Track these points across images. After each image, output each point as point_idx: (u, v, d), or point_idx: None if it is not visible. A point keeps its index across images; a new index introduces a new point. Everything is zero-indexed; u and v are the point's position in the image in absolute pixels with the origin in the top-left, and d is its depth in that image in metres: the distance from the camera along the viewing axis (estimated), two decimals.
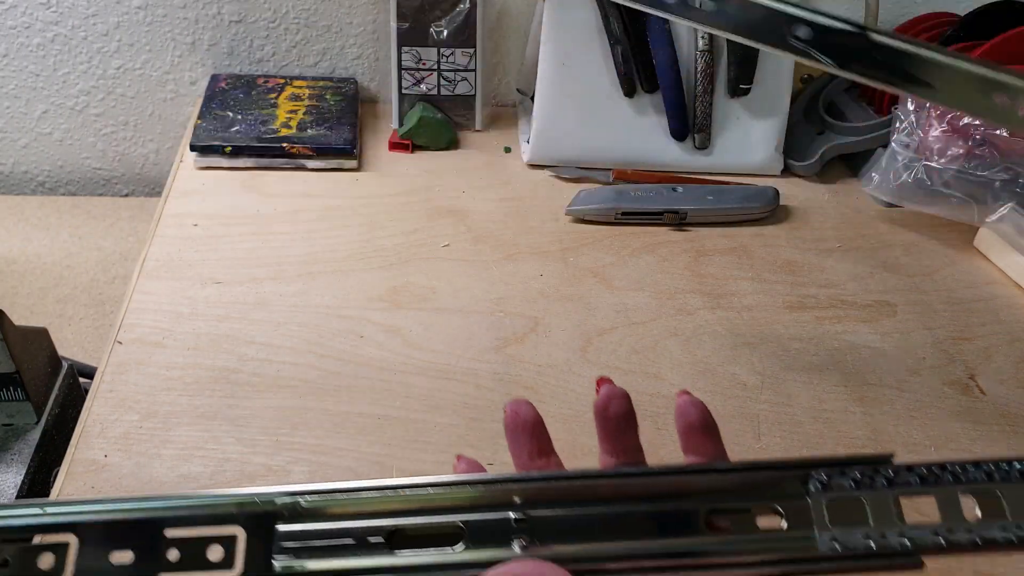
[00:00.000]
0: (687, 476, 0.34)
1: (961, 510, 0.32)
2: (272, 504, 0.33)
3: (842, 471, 0.34)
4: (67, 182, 0.95)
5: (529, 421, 0.37)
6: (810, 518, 0.33)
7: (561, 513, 0.34)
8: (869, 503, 0.33)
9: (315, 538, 0.33)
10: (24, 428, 0.54)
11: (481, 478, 0.34)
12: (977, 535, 0.32)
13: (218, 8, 0.86)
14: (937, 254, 0.76)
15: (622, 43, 0.78)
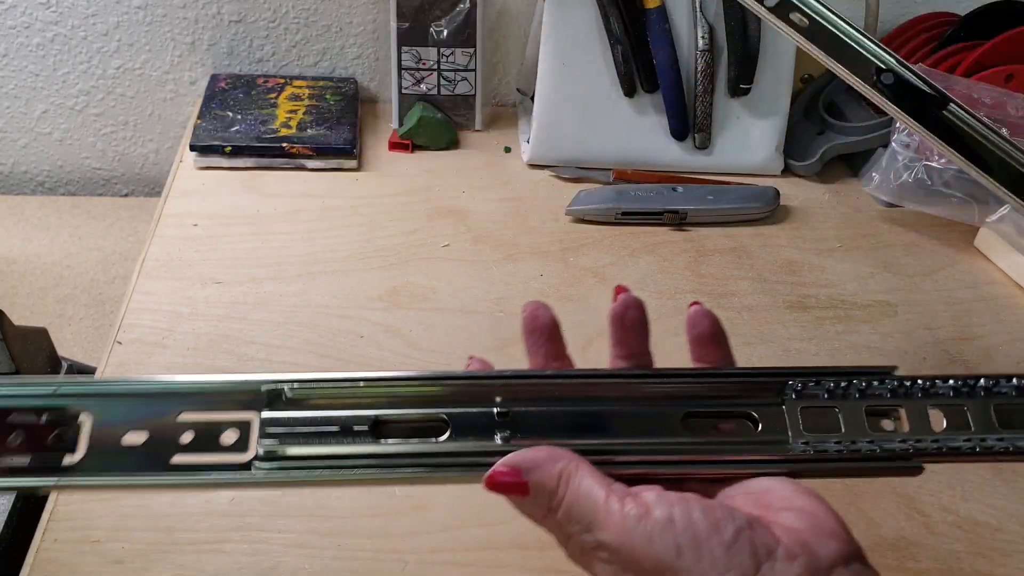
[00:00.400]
0: (665, 380, 0.36)
1: (929, 421, 0.34)
2: (258, 391, 0.34)
3: (817, 381, 0.35)
4: (67, 182, 0.95)
5: (547, 324, 0.39)
6: (784, 423, 0.35)
7: (542, 410, 0.36)
8: (842, 412, 0.35)
9: (300, 425, 0.34)
10: None
11: (464, 374, 0.37)
12: (943, 444, 0.34)
13: (218, 8, 0.86)
14: (937, 254, 0.76)
15: (622, 43, 0.78)
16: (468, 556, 0.47)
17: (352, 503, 0.49)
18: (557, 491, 0.32)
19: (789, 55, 0.82)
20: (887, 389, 0.35)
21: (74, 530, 0.46)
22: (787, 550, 0.30)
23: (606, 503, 0.31)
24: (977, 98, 0.74)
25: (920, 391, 0.35)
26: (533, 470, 0.32)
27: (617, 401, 0.36)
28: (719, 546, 0.29)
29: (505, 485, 0.33)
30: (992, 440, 0.34)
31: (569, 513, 0.32)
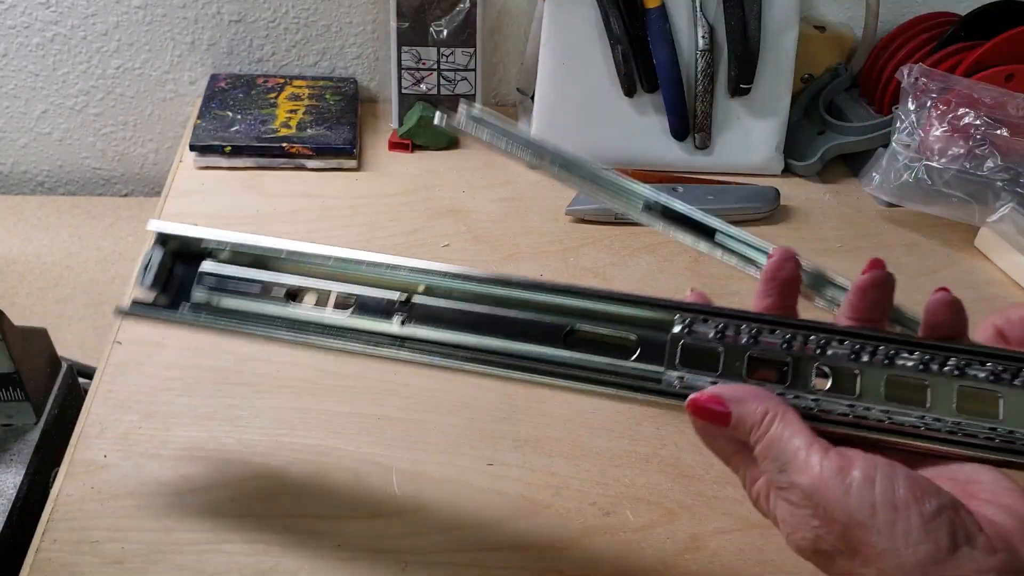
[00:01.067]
0: (559, 294, 0.38)
1: (810, 380, 0.35)
2: (196, 245, 0.41)
3: (705, 319, 0.37)
4: (67, 182, 0.95)
5: (787, 278, 0.38)
6: (662, 356, 0.36)
7: (443, 305, 0.39)
8: (723, 352, 0.36)
9: (229, 280, 0.40)
10: (23, 428, 0.54)
11: (384, 261, 0.40)
12: (819, 406, 0.35)
13: (218, 8, 0.86)
14: (938, 254, 0.76)
15: (622, 43, 0.78)
16: (468, 556, 0.47)
17: (352, 503, 0.49)
18: (760, 427, 0.33)
19: (789, 55, 0.82)
20: (783, 341, 0.36)
21: (74, 530, 0.46)
22: (988, 541, 0.29)
23: (808, 449, 0.31)
24: (977, 98, 0.74)
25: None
26: (740, 402, 0.34)
27: (510, 307, 0.39)
28: (917, 516, 0.29)
29: (709, 412, 0.34)
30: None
31: (768, 450, 0.33)
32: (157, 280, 0.40)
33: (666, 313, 0.37)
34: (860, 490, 0.30)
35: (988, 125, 0.73)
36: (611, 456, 0.54)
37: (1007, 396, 0.34)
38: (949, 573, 0.29)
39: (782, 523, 0.33)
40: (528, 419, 0.56)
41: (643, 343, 0.37)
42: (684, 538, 0.49)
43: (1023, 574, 0.29)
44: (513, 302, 0.39)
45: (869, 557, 0.30)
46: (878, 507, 0.30)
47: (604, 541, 0.48)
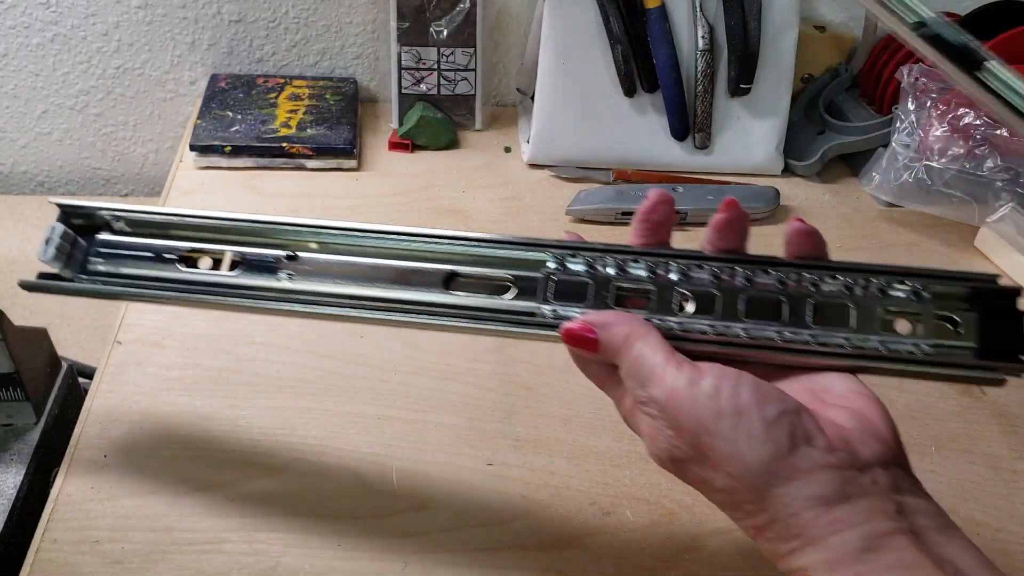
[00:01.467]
0: (438, 240, 0.41)
1: (671, 303, 0.38)
2: (95, 216, 0.43)
3: (573, 254, 0.39)
4: (67, 182, 0.95)
5: (659, 221, 0.40)
6: (535, 290, 0.39)
7: (329, 259, 0.42)
8: (592, 285, 0.39)
9: (125, 248, 0.43)
10: (24, 428, 0.54)
11: (263, 219, 0.42)
12: (682, 327, 0.37)
13: (218, 8, 0.86)
14: (937, 254, 0.76)
15: (622, 43, 0.78)
16: (468, 556, 0.47)
17: (352, 503, 0.49)
18: (623, 348, 0.35)
19: (789, 55, 0.82)
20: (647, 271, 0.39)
21: (74, 530, 0.46)
22: (828, 441, 0.31)
23: (664, 365, 0.34)
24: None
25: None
26: (605, 327, 0.36)
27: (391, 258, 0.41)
28: (759, 420, 0.31)
29: (580, 339, 0.36)
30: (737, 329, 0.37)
31: (631, 369, 0.35)
32: (60, 253, 0.42)
33: (539, 252, 0.40)
34: (708, 399, 0.32)
35: (988, 125, 0.73)
36: (611, 456, 0.54)
37: (857, 306, 0.37)
38: (788, 470, 0.31)
39: (644, 436, 0.35)
40: (528, 419, 0.56)
41: (519, 282, 0.40)
42: (684, 538, 0.49)
43: (858, 470, 0.31)
44: (396, 253, 0.41)
45: (717, 461, 0.32)
46: (723, 413, 0.32)
47: (604, 541, 0.48)
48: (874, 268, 0.38)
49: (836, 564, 0.30)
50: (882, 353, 0.36)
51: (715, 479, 0.33)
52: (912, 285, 0.38)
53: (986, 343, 0.36)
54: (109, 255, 0.43)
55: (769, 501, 0.31)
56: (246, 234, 0.42)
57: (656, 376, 0.34)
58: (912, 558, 0.30)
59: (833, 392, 0.35)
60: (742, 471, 0.31)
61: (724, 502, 0.34)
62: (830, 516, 0.30)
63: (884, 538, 0.30)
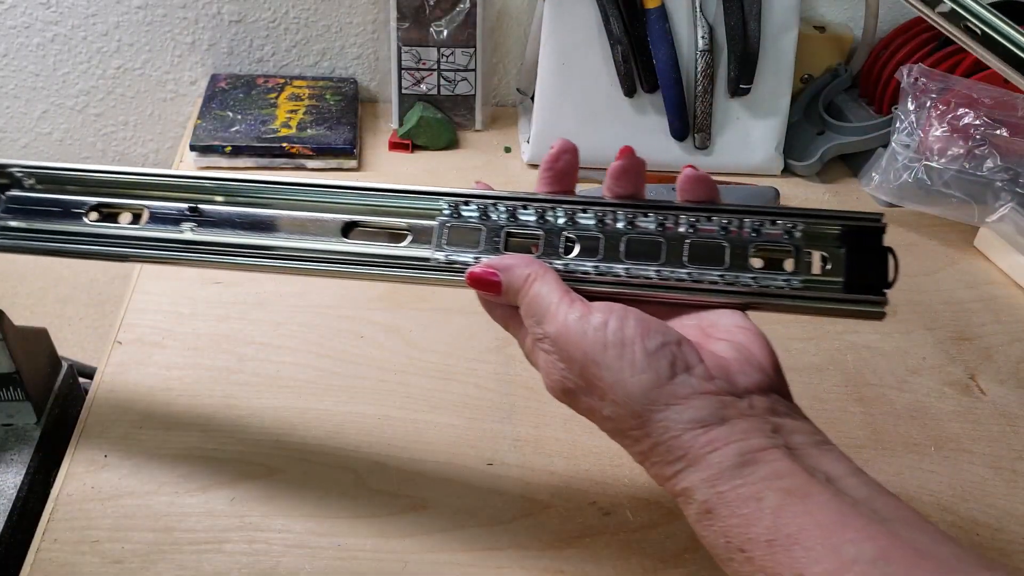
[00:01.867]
0: (338, 191, 0.43)
1: (559, 248, 0.40)
2: (6, 174, 0.44)
3: (467, 202, 0.41)
4: None
5: (562, 169, 0.41)
6: (430, 237, 0.41)
7: (231, 211, 0.43)
8: (484, 231, 0.41)
9: (33, 204, 0.44)
10: (24, 428, 0.54)
11: (167, 173, 0.44)
12: (567, 268, 0.39)
13: (218, 8, 0.86)
14: (937, 254, 0.76)
15: (622, 43, 0.78)
16: (468, 556, 0.47)
17: (352, 503, 0.49)
18: (523, 288, 0.37)
19: (789, 55, 0.82)
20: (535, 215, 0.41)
21: (74, 530, 0.46)
22: (707, 370, 0.34)
23: (559, 303, 0.36)
24: (977, 98, 0.74)
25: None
26: (507, 270, 0.38)
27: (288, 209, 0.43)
28: (641, 351, 0.34)
29: (483, 282, 0.38)
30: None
31: (529, 308, 0.37)
32: None
33: (434, 201, 0.42)
34: (595, 332, 0.34)
35: (988, 125, 0.73)
36: (611, 456, 0.54)
37: (732, 245, 0.39)
38: (668, 396, 0.33)
39: (541, 370, 0.38)
40: (528, 419, 0.56)
41: (414, 230, 0.41)
42: (684, 538, 0.49)
43: (736, 396, 0.34)
44: (298, 204, 0.43)
45: (603, 390, 0.34)
46: (608, 345, 0.34)
47: (604, 541, 0.49)
48: (750, 209, 0.40)
49: (715, 480, 0.32)
50: (753, 289, 0.38)
51: (602, 407, 0.35)
52: (784, 224, 0.39)
53: (853, 278, 0.39)
54: (19, 211, 0.45)
55: (651, 426, 0.33)
56: (151, 188, 0.44)
57: (550, 313, 0.36)
58: (786, 468, 0.31)
59: (718, 327, 0.37)
60: (625, 398, 0.34)
61: (612, 430, 0.36)
62: (708, 436, 0.33)
63: (759, 453, 0.32)
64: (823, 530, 0.30)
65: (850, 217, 0.39)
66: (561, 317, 0.35)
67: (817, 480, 0.31)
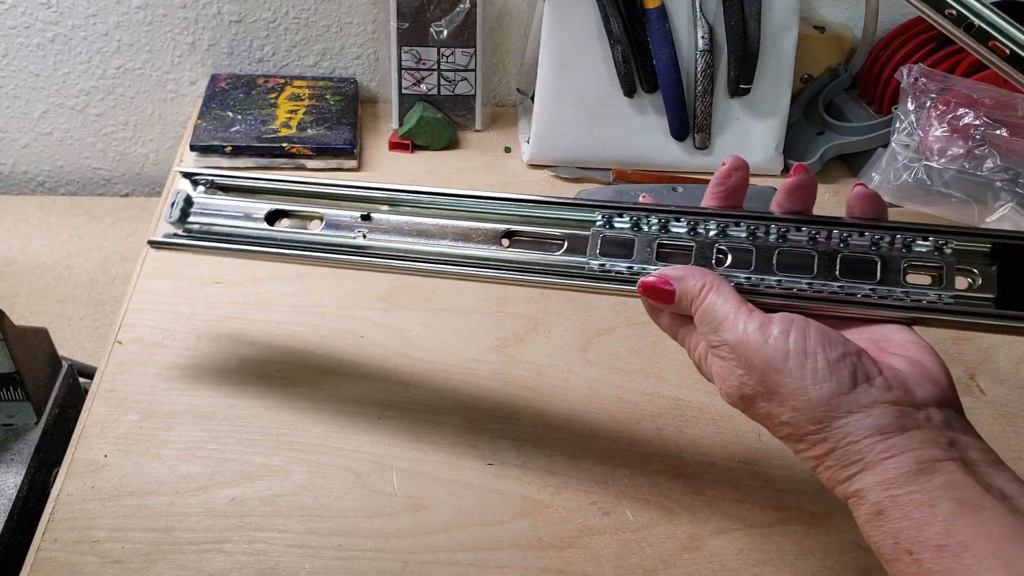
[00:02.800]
0: (497, 202, 0.45)
1: (711, 260, 0.41)
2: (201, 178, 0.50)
3: (621, 214, 0.42)
4: (67, 182, 0.95)
5: (733, 187, 0.43)
6: (585, 247, 0.43)
7: (398, 219, 0.46)
8: (638, 242, 0.42)
9: (215, 209, 0.49)
10: (24, 428, 0.54)
11: (339, 183, 0.47)
12: (750, 283, 0.40)
13: (218, 8, 0.86)
14: None
15: (622, 43, 0.78)
16: (468, 556, 0.47)
17: (352, 503, 0.49)
18: (698, 298, 0.39)
19: (789, 55, 0.82)
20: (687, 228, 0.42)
21: (74, 530, 0.46)
22: (886, 381, 0.35)
23: (736, 312, 0.37)
24: (976, 98, 0.74)
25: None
26: (681, 280, 0.39)
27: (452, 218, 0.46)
28: (823, 361, 0.35)
29: (657, 291, 0.40)
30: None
31: (704, 316, 0.38)
32: (183, 215, 0.49)
33: (588, 212, 0.43)
34: (776, 341, 0.36)
35: (987, 125, 0.73)
36: (611, 456, 0.54)
37: (883, 260, 0.40)
38: (849, 404, 0.35)
39: (716, 377, 0.39)
40: (528, 419, 0.56)
41: (569, 240, 0.44)
42: (684, 538, 0.49)
43: (913, 407, 0.35)
44: (459, 213, 0.46)
45: (784, 396, 0.36)
46: (790, 354, 0.35)
47: (604, 541, 0.49)
48: (901, 226, 0.40)
49: (890, 484, 0.33)
50: (907, 304, 0.39)
51: (781, 413, 0.36)
52: (936, 241, 0.40)
53: (1005, 295, 0.39)
54: (202, 214, 0.49)
55: (831, 432, 0.35)
56: (324, 197, 0.48)
57: (729, 322, 0.37)
58: (961, 480, 0.32)
59: (891, 342, 0.38)
60: (806, 404, 0.35)
61: (788, 435, 0.37)
62: (886, 444, 0.34)
63: (935, 463, 0.33)
64: (996, 542, 0.30)
65: (1001, 235, 0.40)
66: (740, 326, 0.37)
67: (992, 495, 0.32)
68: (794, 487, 0.53)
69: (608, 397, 0.58)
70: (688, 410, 0.57)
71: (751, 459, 0.54)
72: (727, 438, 0.56)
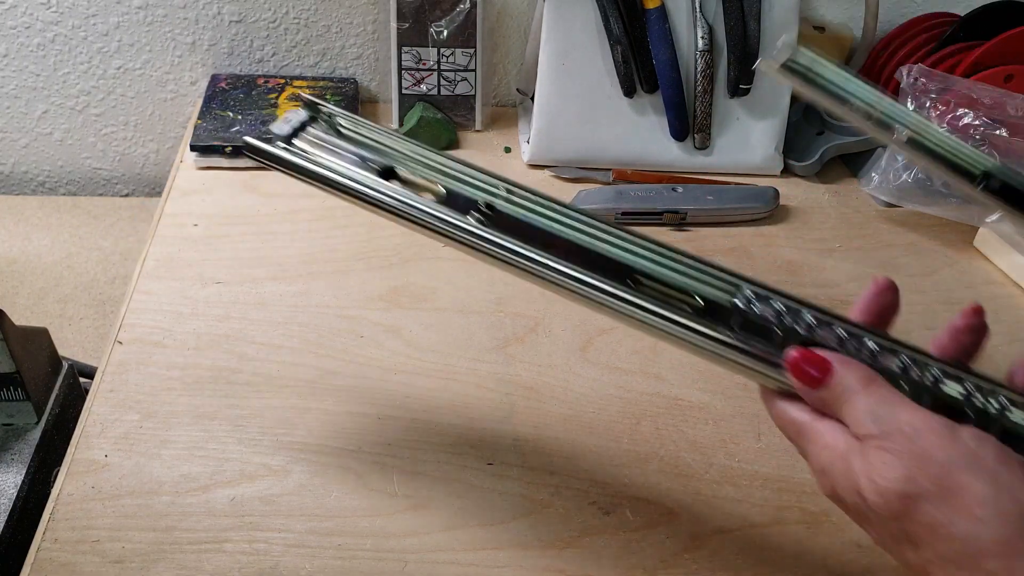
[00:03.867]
0: (629, 242, 0.40)
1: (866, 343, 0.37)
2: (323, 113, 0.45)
3: (768, 299, 0.38)
4: (67, 182, 0.95)
5: (883, 308, 0.40)
6: (723, 318, 0.38)
7: (520, 218, 0.41)
8: (779, 335, 0.37)
9: (332, 145, 0.44)
10: (24, 428, 0.54)
11: (472, 164, 0.43)
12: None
13: (218, 8, 0.86)
14: (937, 254, 0.76)
15: (622, 43, 0.78)
16: (468, 556, 0.47)
17: (352, 503, 0.49)
18: (861, 384, 0.34)
19: None
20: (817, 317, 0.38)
21: (74, 530, 0.46)
22: None
23: (910, 404, 0.33)
24: (977, 98, 0.74)
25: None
26: (844, 363, 0.35)
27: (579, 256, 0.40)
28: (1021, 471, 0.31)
29: (811, 367, 0.35)
30: None
31: (870, 401, 0.34)
32: (291, 136, 0.44)
33: (731, 283, 0.39)
34: (972, 440, 0.31)
35: (987, 125, 0.73)
36: (611, 456, 0.54)
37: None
38: None
39: (861, 475, 0.33)
40: (528, 419, 0.56)
41: (707, 303, 0.38)
42: (684, 538, 0.49)
43: None
44: (585, 234, 0.41)
45: (966, 502, 0.30)
46: (984, 456, 0.30)
47: (604, 541, 0.49)
48: None
49: None
50: None
51: (956, 522, 0.30)
52: None
53: None
54: (314, 143, 0.45)
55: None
56: (446, 174, 0.43)
57: (907, 407, 0.33)
58: None
59: None
60: (995, 515, 0.29)
61: (953, 552, 0.30)
62: None
63: None
64: None
65: None
66: (920, 415, 0.33)
67: None
68: (794, 487, 0.53)
69: (608, 397, 0.58)
70: (688, 410, 0.58)
71: (751, 459, 0.54)
72: (727, 438, 0.56)
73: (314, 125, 0.45)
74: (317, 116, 0.45)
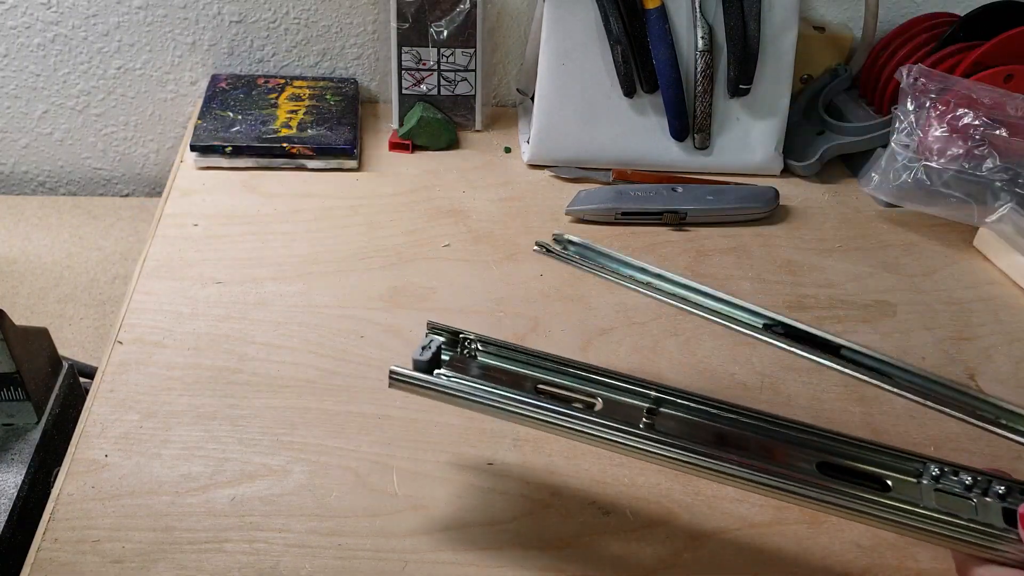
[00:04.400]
0: (807, 433, 0.41)
1: None
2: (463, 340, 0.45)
3: (956, 473, 0.39)
4: (67, 182, 0.95)
5: None
6: (912, 492, 0.39)
7: (685, 417, 0.42)
8: (977, 506, 0.38)
9: (480, 368, 0.44)
10: (24, 428, 0.54)
11: (628, 375, 0.43)
12: None
13: (218, 8, 0.86)
14: (937, 254, 0.76)
15: (622, 43, 0.78)
16: (468, 556, 0.47)
17: (352, 503, 0.49)
18: None
19: (789, 55, 0.82)
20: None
21: (74, 530, 0.46)
22: None
23: None
24: (976, 98, 0.74)
25: None
26: None
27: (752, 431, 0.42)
28: None
29: None
30: None
31: None
32: (434, 356, 0.43)
33: (917, 463, 0.40)
34: None
35: (987, 125, 0.73)
36: (611, 456, 0.54)
37: None
38: None
39: None
40: None
41: (895, 480, 0.40)
42: (684, 538, 0.49)
43: None
44: (765, 432, 0.42)
45: None
46: None
47: (604, 541, 0.49)
48: None
49: None
50: None
51: None
52: None
53: None
54: (462, 369, 0.44)
55: None
56: (600, 384, 0.43)
57: None
58: None
59: None
60: None
61: None
62: None
63: None
64: None
65: None
66: None
67: None
68: None
69: None
70: None
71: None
72: None
73: (449, 348, 0.45)
74: (456, 341, 0.45)
